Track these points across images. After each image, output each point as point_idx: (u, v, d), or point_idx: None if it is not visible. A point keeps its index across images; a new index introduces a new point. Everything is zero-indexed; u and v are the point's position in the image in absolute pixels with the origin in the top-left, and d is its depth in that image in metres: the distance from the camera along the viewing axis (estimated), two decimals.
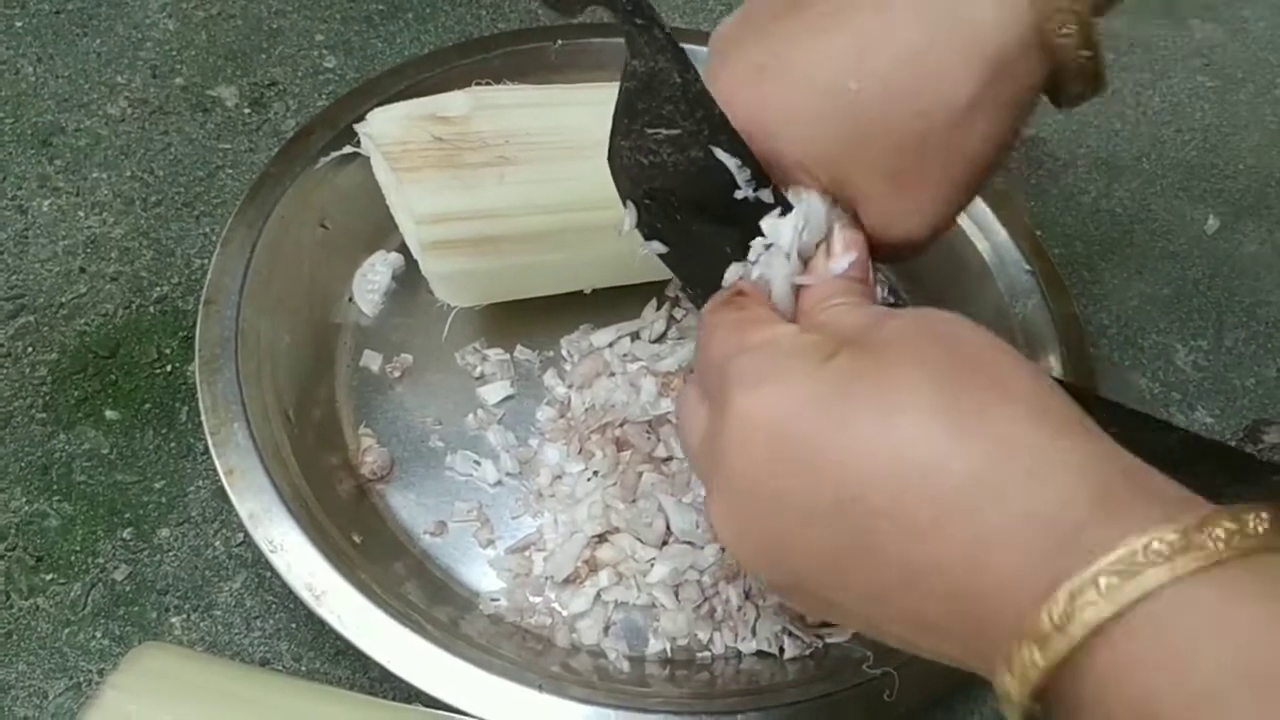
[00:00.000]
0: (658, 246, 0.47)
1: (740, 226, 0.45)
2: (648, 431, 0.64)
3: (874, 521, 0.34)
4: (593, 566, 0.62)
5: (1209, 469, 0.45)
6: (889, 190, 0.43)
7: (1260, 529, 0.30)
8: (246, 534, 0.58)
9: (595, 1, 0.43)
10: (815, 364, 0.37)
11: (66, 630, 0.60)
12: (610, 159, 0.45)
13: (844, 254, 0.43)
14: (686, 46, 0.43)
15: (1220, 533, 0.30)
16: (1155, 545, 0.30)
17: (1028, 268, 0.69)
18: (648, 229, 0.47)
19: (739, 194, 0.44)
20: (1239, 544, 0.30)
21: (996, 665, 0.32)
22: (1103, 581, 0.30)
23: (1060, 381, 0.38)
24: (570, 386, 0.68)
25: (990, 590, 0.32)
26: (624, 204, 0.46)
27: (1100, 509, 0.32)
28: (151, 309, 0.71)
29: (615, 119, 0.44)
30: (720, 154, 0.44)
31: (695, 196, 0.45)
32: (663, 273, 0.48)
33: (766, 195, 0.44)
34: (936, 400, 0.34)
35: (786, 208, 0.44)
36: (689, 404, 0.42)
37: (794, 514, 0.36)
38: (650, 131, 0.44)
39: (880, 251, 0.45)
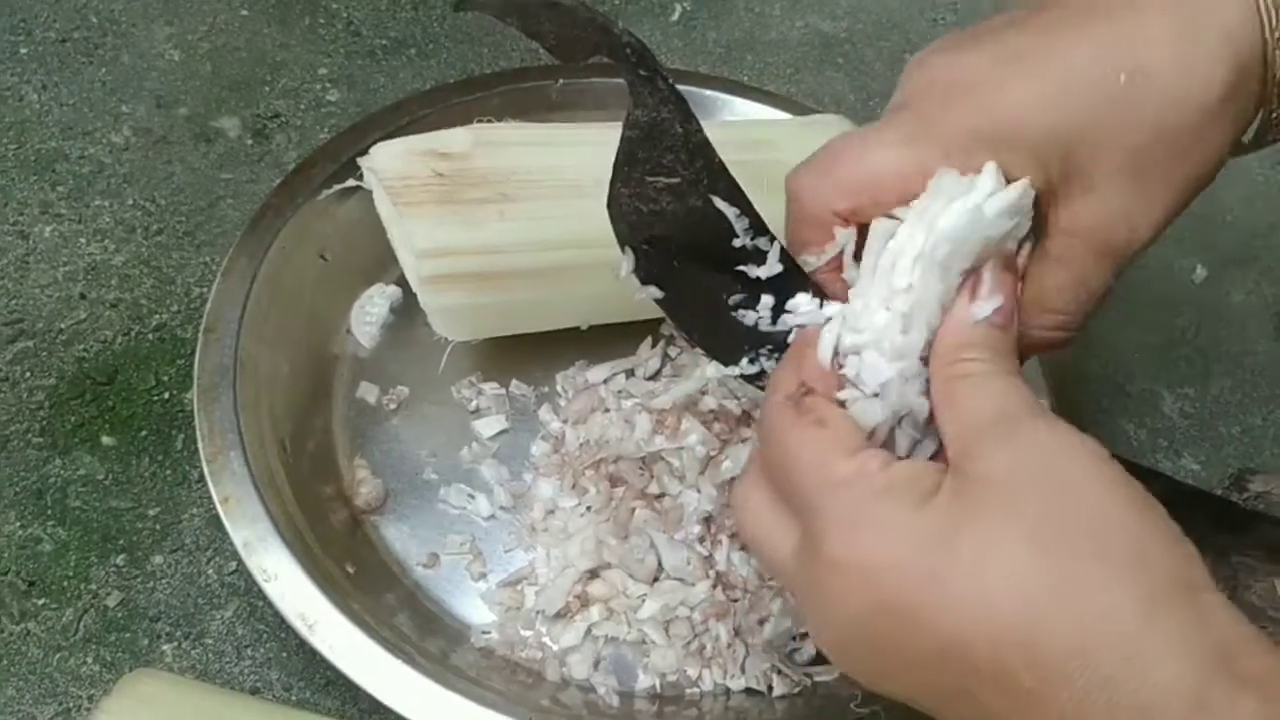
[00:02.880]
0: (654, 291, 0.47)
1: (736, 275, 0.46)
2: (641, 468, 0.64)
3: (975, 678, 0.34)
4: (584, 601, 0.62)
5: (1194, 517, 0.45)
6: (1129, 184, 0.42)
7: None
8: (239, 562, 0.58)
9: (600, 53, 0.44)
10: (911, 508, 0.36)
11: (57, 656, 0.60)
12: (610, 205, 0.46)
13: (990, 297, 0.41)
14: (685, 89, 0.44)
15: None
16: None
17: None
18: (644, 274, 0.47)
19: (737, 242, 0.45)
20: None
21: None
22: None
23: (1163, 481, 0.37)
24: (565, 422, 0.68)
25: None
26: (622, 249, 0.47)
27: (1202, 713, 0.32)
28: (150, 336, 0.72)
29: (616, 166, 0.45)
30: (719, 203, 0.44)
31: (693, 244, 0.46)
32: (659, 311, 0.49)
33: (764, 244, 0.45)
34: (1032, 563, 0.34)
35: (790, 263, 0.45)
36: (761, 509, 0.41)
37: (894, 658, 0.36)
38: (650, 179, 0.44)
39: (1046, 310, 0.44)
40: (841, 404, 0.41)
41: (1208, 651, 0.32)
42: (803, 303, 0.44)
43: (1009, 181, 0.42)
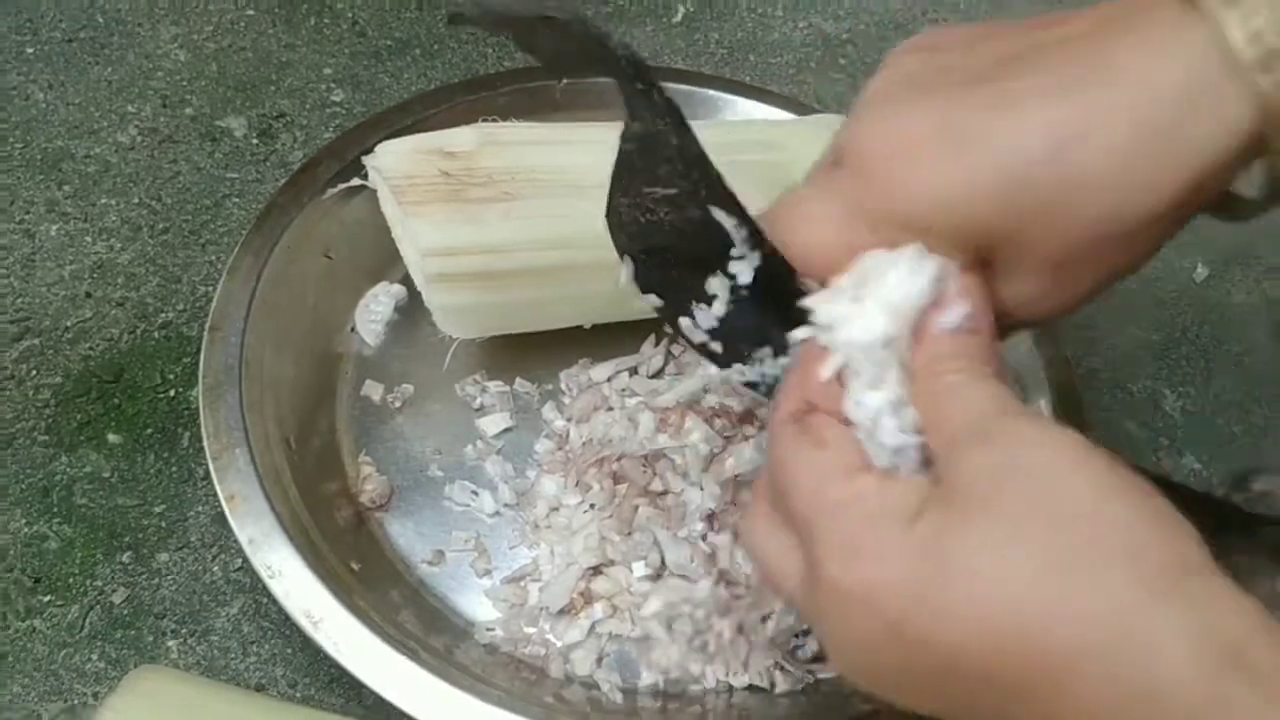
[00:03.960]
0: (654, 300, 0.48)
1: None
2: (644, 466, 0.64)
3: (987, 687, 0.34)
4: (587, 598, 0.62)
5: (1194, 518, 0.46)
6: (1048, 277, 0.41)
7: None
8: (245, 559, 0.58)
9: (596, 66, 0.44)
10: (902, 529, 0.36)
11: (63, 652, 0.61)
12: (608, 216, 0.46)
13: (956, 304, 0.40)
14: (687, 89, 0.44)
15: None
16: None
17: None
18: (644, 283, 0.47)
19: (735, 252, 0.45)
20: None
21: None
22: None
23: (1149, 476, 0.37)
24: (569, 420, 0.69)
25: None
26: (621, 259, 0.47)
27: (1212, 706, 0.31)
28: (156, 335, 0.72)
29: (613, 177, 0.45)
30: (718, 213, 0.45)
31: (691, 254, 0.46)
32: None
33: (757, 259, 0.45)
34: (1021, 565, 0.34)
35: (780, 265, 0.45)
36: (768, 538, 0.41)
37: (908, 677, 0.37)
38: (648, 190, 0.45)
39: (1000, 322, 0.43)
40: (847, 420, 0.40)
41: (1211, 635, 0.32)
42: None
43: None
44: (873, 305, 0.41)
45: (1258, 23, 0.36)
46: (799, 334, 0.43)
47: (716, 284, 0.46)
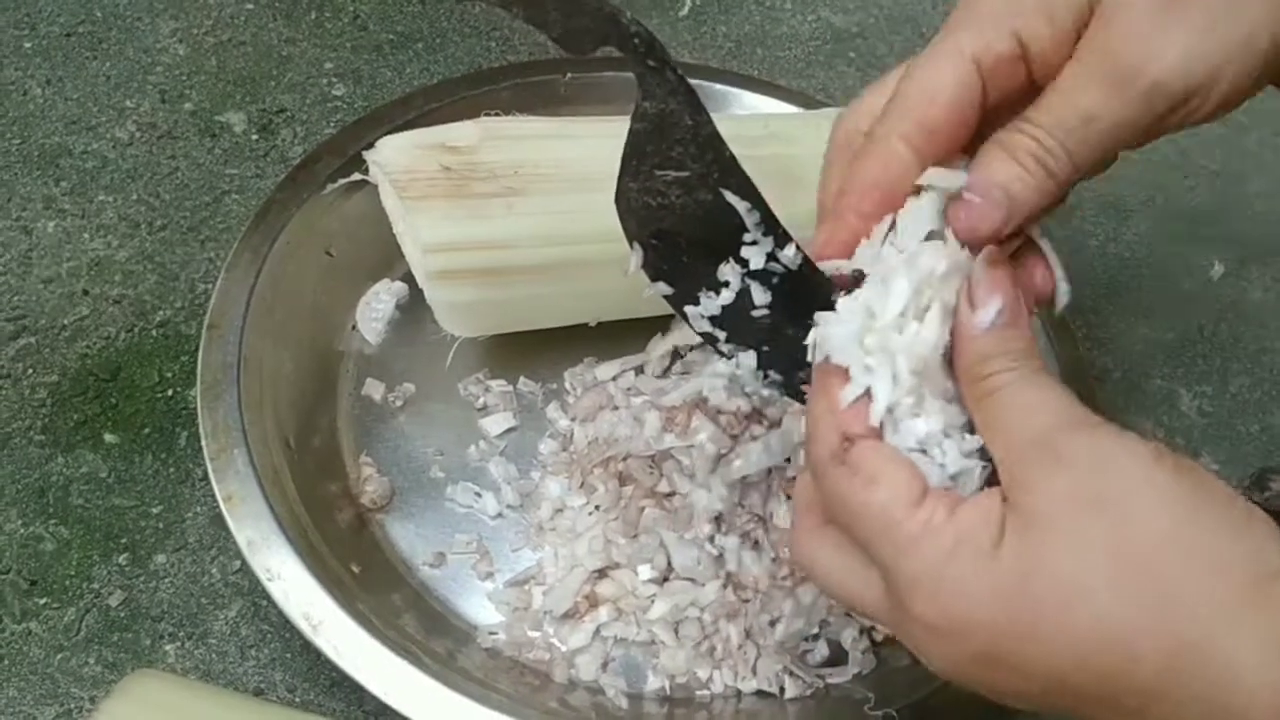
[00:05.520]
0: (663, 288, 0.47)
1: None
2: (650, 466, 0.63)
3: (1083, 704, 0.36)
4: (592, 602, 0.61)
5: None
6: (1156, 9, 0.38)
7: None
8: (244, 561, 0.57)
9: (608, 43, 0.43)
10: (983, 561, 0.36)
11: (59, 656, 0.60)
12: (618, 200, 0.45)
13: (989, 299, 0.39)
14: (695, 83, 0.43)
15: None
16: None
17: (1034, 310, 0.69)
18: (654, 270, 0.47)
19: (748, 237, 0.44)
20: None
21: None
22: None
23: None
24: (573, 419, 0.68)
25: None
26: (630, 245, 0.46)
27: None
28: (154, 333, 0.71)
29: (624, 160, 0.44)
30: (730, 196, 0.44)
31: (703, 239, 0.45)
32: (669, 308, 0.48)
33: (767, 240, 0.44)
34: (1107, 593, 0.34)
35: (807, 263, 0.44)
36: (835, 561, 0.41)
37: (1005, 691, 0.38)
38: (659, 173, 0.44)
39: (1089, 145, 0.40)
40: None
41: None
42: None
43: None
44: (890, 254, 0.40)
45: None
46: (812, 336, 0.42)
47: (728, 270, 0.45)
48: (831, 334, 0.41)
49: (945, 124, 0.41)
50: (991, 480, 0.39)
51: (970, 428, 0.40)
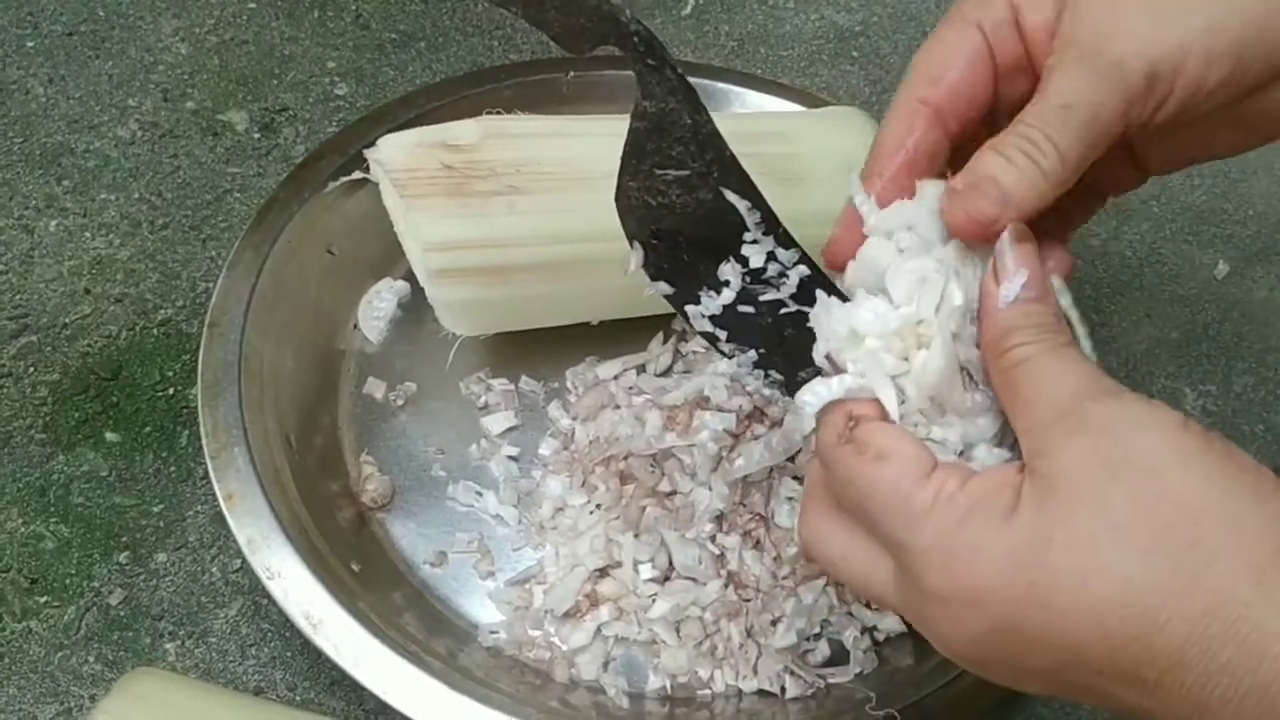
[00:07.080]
0: (664, 287, 0.47)
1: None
2: (651, 465, 0.63)
3: (1100, 677, 0.35)
4: (593, 601, 0.61)
5: None
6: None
7: None
8: (244, 560, 0.57)
9: (607, 41, 0.43)
10: (997, 527, 0.36)
11: (59, 654, 0.60)
12: (618, 199, 0.45)
13: (1015, 273, 0.39)
14: (697, 81, 0.43)
15: None
16: None
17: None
18: (654, 269, 0.47)
19: (748, 236, 0.44)
20: None
21: None
22: None
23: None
24: (575, 418, 0.67)
25: None
26: (630, 244, 0.46)
27: None
28: (155, 331, 0.71)
29: (624, 160, 0.44)
30: (730, 195, 0.44)
31: (703, 238, 0.45)
32: (670, 307, 0.48)
33: (769, 242, 0.44)
34: (1128, 560, 0.34)
35: (812, 268, 0.44)
36: (844, 545, 0.41)
37: (1021, 668, 0.37)
38: (659, 172, 0.44)
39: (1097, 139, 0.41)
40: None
41: None
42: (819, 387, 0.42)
43: None
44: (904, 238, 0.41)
45: None
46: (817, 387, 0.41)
47: (728, 270, 0.45)
48: (832, 333, 0.41)
49: (959, 83, 0.43)
50: None
51: (995, 439, 0.40)
